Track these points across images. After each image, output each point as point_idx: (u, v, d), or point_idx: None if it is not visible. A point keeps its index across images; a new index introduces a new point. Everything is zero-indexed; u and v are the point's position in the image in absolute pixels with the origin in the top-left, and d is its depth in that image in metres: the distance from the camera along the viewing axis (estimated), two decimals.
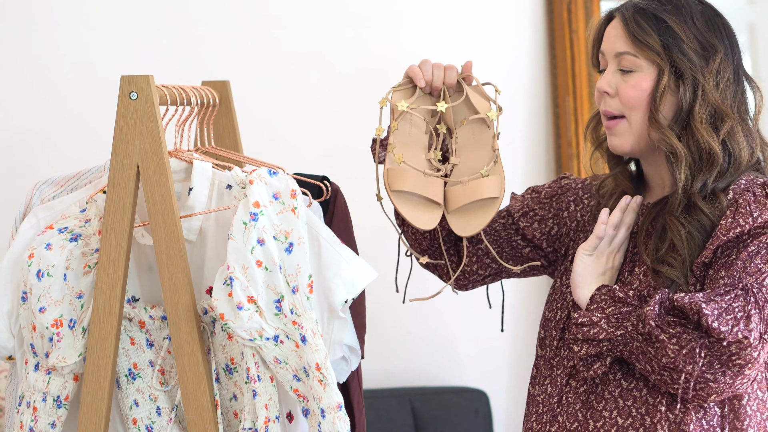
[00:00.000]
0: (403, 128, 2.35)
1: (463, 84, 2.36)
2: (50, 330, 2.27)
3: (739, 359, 2.11)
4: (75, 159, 3.22)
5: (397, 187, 2.32)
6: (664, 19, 2.23)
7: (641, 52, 2.23)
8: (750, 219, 2.18)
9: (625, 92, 2.25)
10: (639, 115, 2.25)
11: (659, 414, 2.20)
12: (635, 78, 2.24)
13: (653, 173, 2.32)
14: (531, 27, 3.75)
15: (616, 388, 2.24)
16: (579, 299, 2.27)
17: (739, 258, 2.17)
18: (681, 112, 2.23)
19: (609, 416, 2.23)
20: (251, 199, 2.22)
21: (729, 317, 2.11)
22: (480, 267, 2.46)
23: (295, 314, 2.22)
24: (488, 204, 2.32)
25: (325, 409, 2.18)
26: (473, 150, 2.36)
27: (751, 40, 3.93)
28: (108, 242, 2.25)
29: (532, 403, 2.35)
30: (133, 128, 2.23)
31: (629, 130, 2.26)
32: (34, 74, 3.40)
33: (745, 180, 2.25)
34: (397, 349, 3.69)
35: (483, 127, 2.36)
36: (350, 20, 3.62)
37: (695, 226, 2.21)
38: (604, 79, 2.27)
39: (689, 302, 2.12)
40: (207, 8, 3.51)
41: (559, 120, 3.73)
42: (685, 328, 2.13)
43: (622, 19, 2.25)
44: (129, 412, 2.32)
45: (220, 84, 2.64)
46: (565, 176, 2.49)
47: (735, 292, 2.13)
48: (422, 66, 2.35)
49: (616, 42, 2.26)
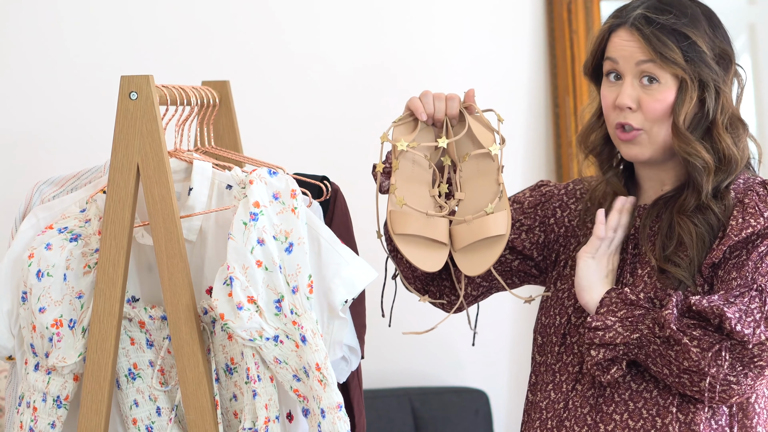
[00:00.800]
0: (405, 166, 2.32)
1: (465, 114, 2.31)
2: (50, 330, 2.27)
3: (761, 360, 2.12)
4: (75, 159, 3.23)
5: (401, 231, 2.29)
6: (685, 34, 2.20)
7: (666, 67, 2.20)
8: (761, 219, 2.18)
9: (649, 106, 2.22)
10: (660, 127, 2.23)
11: (670, 415, 2.20)
12: (659, 91, 2.21)
13: (652, 175, 2.32)
14: (531, 27, 3.75)
15: (626, 390, 2.24)
16: (587, 303, 2.26)
17: (750, 258, 2.17)
18: (702, 121, 2.22)
19: (620, 419, 2.23)
20: (251, 199, 2.22)
21: (750, 319, 2.11)
22: (473, 288, 2.45)
23: (295, 314, 2.22)
24: (495, 241, 2.29)
25: (325, 409, 2.18)
26: (478, 184, 2.32)
27: (751, 40, 3.92)
28: (108, 242, 2.25)
29: (534, 410, 2.34)
30: (133, 128, 2.23)
31: (648, 141, 2.24)
32: (33, 74, 3.40)
33: (743, 178, 2.26)
34: (397, 349, 3.69)
35: (487, 160, 2.32)
36: (351, 21, 3.61)
37: (705, 227, 2.21)
38: (626, 94, 2.23)
39: (710, 306, 2.12)
40: (207, 8, 3.51)
41: (559, 120, 3.73)
42: (706, 330, 2.13)
43: (642, 36, 2.21)
44: (129, 412, 2.32)
45: (220, 84, 2.64)
46: (544, 183, 2.47)
47: (750, 294, 2.14)
48: (423, 98, 2.31)
49: (635, 52, 2.22)
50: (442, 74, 3.65)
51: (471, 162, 2.33)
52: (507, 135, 2.44)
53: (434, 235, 2.30)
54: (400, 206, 2.30)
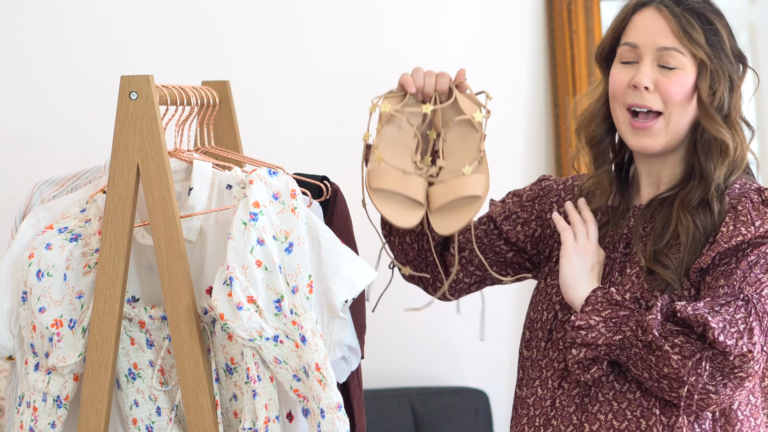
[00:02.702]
0: (390, 131, 2.32)
1: (454, 90, 2.33)
2: (50, 330, 2.27)
3: (741, 372, 2.10)
4: (75, 159, 3.23)
5: (377, 185, 2.29)
6: (709, 19, 2.21)
7: (689, 48, 2.19)
8: (752, 228, 2.16)
9: (667, 87, 2.21)
10: (679, 111, 2.21)
11: (654, 417, 2.19)
12: (678, 74, 2.20)
13: (651, 171, 2.31)
14: (531, 27, 3.75)
15: (609, 390, 2.23)
16: (573, 301, 2.25)
17: (739, 267, 2.16)
18: (718, 112, 2.22)
19: (604, 419, 2.22)
20: (251, 199, 2.22)
21: (733, 330, 2.10)
22: (465, 275, 2.44)
23: (294, 314, 2.22)
24: (470, 202, 2.28)
25: (325, 409, 2.18)
26: (460, 152, 2.32)
27: (751, 40, 3.93)
28: (108, 242, 2.25)
29: (521, 406, 2.34)
30: (133, 128, 2.23)
31: (665, 129, 2.23)
32: (33, 74, 3.40)
33: (738, 184, 2.24)
34: (397, 349, 3.69)
35: (471, 130, 2.32)
36: (351, 21, 3.62)
37: (701, 226, 2.20)
38: (644, 74, 2.21)
39: (694, 314, 2.11)
40: (207, 8, 3.51)
41: (559, 120, 3.73)
42: (688, 338, 2.12)
43: (671, 13, 2.21)
44: (129, 412, 2.32)
45: (220, 84, 2.64)
46: (545, 177, 2.47)
47: (736, 303, 2.12)
48: (414, 73, 2.33)
49: (658, 36, 2.21)
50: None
51: (455, 131, 2.33)
52: (507, 135, 2.44)
53: (411, 193, 2.29)
54: (378, 163, 2.30)
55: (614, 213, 2.33)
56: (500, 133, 3.74)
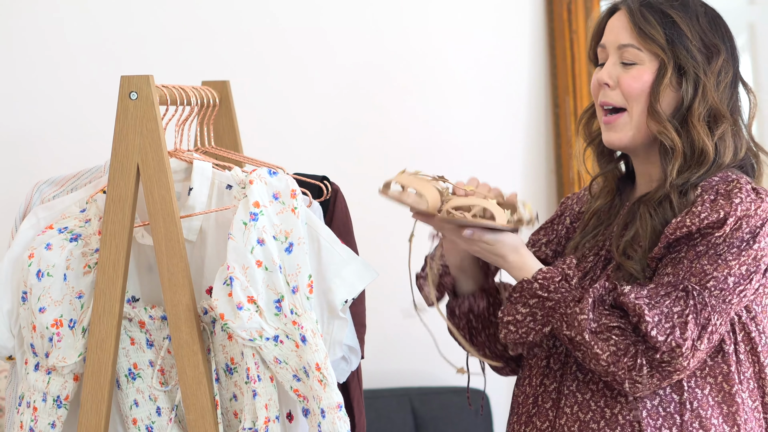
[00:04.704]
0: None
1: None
2: (50, 330, 2.27)
3: (669, 366, 2.13)
4: (75, 159, 3.22)
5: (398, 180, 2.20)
6: (670, 15, 2.23)
7: (645, 44, 2.23)
8: (696, 220, 2.17)
9: (626, 83, 2.24)
10: (639, 107, 2.24)
11: (619, 405, 2.21)
12: (637, 69, 2.24)
13: (642, 170, 2.32)
14: (531, 27, 3.75)
15: (573, 381, 2.25)
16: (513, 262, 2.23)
17: (686, 257, 2.17)
18: (680, 108, 2.24)
19: (570, 412, 2.24)
20: (251, 199, 2.22)
21: (668, 324, 2.12)
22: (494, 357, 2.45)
23: (295, 314, 2.22)
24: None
25: (325, 409, 2.18)
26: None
27: (751, 40, 3.93)
28: (108, 242, 2.25)
29: (514, 404, 2.37)
30: (133, 128, 2.23)
31: (629, 124, 2.26)
32: (33, 74, 3.40)
33: (719, 176, 2.25)
34: (397, 349, 3.69)
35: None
36: (351, 22, 3.62)
37: (660, 220, 2.22)
38: (605, 71, 2.26)
39: (633, 304, 2.13)
40: (207, 8, 3.51)
41: (559, 120, 3.73)
42: (623, 331, 2.14)
43: (628, 11, 2.25)
44: (129, 412, 2.32)
45: (220, 84, 2.64)
46: (565, 199, 2.50)
47: (676, 294, 2.14)
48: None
49: (619, 34, 2.26)
50: (442, 74, 3.65)
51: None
52: (507, 135, 2.43)
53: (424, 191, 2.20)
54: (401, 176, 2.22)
55: (609, 212, 2.35)
56: (500, 133, 3.74)
